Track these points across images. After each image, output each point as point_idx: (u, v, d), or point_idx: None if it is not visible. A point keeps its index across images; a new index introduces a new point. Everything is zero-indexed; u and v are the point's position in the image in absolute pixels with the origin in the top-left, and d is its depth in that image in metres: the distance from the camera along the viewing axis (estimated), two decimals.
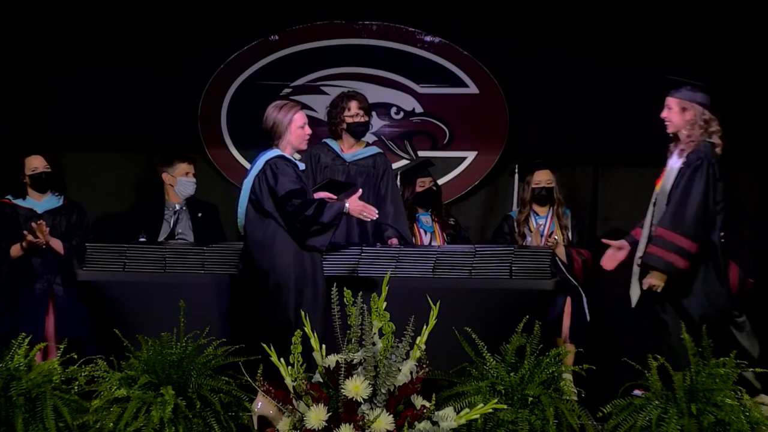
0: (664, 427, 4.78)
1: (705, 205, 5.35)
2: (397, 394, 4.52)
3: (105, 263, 6.01)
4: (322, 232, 5.46)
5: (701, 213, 5.34)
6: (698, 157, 5.40)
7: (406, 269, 5.86)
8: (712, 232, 5.39)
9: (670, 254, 5.30)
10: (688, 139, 5.47)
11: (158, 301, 5.81)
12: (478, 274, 5.85)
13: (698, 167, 5.38)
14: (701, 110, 5.50)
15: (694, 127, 5.47)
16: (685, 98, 5.51)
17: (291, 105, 5.61)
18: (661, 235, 5.34)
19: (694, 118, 5.48)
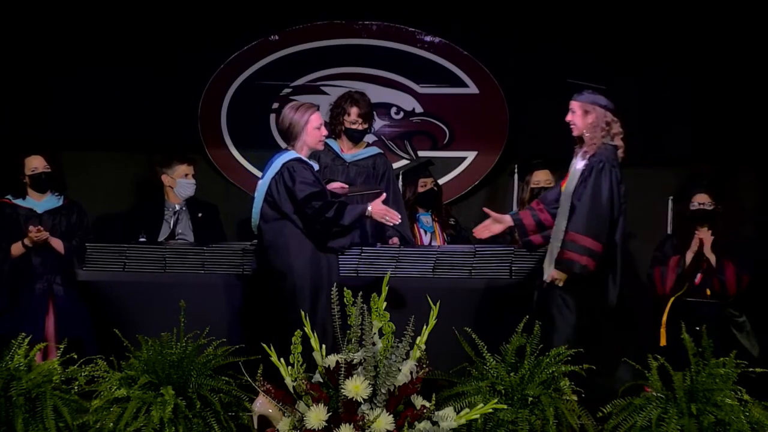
0: (664, 427, 4.78)
1: (610, 206, 5.40)
2: (397, 394, 4.52)
3: (105, 263, 6.02)
4: (342, 234, 5.48)
5: (607, 214, 5.39)
6: (600, 160, 5.45)
7: (406, 269, 5.86)
8: (614, 233, 5.43)
9: (584, 257, 5.36)
10: (591, 141, 5.53)
11: (158, 301, 5.81)
12: (478, 274, 5.86)
13: (601, 170, 5.42)
14: (603, 113, 5.55)
15: (596, 130, 5.53)
16: (587, 101, 5.58)
17: (308, 105, 5.61)
18: (573, 239, 5.38)
19: (596, 120, 5.53)
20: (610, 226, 5.40)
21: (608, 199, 5.40)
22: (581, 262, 5.36)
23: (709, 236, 6.51)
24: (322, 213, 5.41)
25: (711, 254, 6.50)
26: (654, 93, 7.46)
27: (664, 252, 6.75)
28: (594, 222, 5.37)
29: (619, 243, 5.47)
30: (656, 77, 7.43)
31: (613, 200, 5.42)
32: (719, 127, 7.38)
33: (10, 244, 6.48)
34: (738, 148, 7.37)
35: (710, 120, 7.39)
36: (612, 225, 5.41)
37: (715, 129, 7.38)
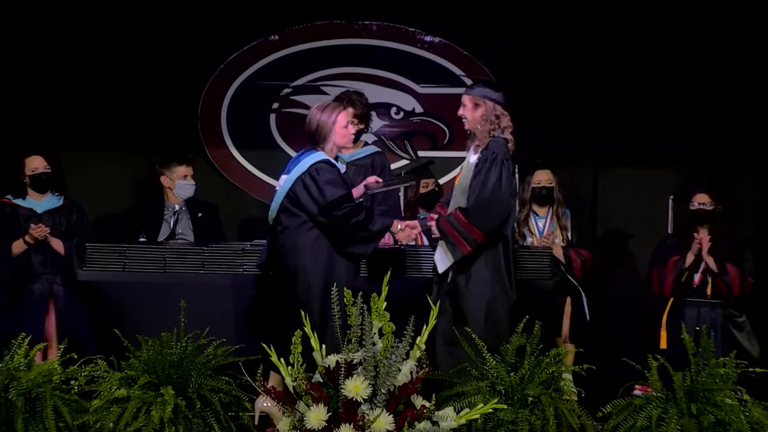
0: (664, 427, 4.78)
1: (498, 196, 5.41)
2: (397, 394, 4.52)
3: (105, 263, 6.02)
4: (368, 240, 5.49)
5: (492, 204, 5.39)
6: (492, 152, 5.47)
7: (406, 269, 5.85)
8: (505, 226, 5.44)
9: (455, 234, 5.38)
10: (481, 134, 5.56)
11: (158, 301, 5.81)
12: None
13: (493, 161, 5.44)
14: (493, 106, 5.57)
15: (486, 123, 5.55)
16: (478, 95, 5.59)
17: (334, 105, 5.62)
18: (456, 216, 5.41)
19: (485, 113, 5.56)
20: (496, 217, 5.39)
21: (494, 189, 5.40)
22: (450, 235, 5.37)
23: (707, 238, 6.51)
24: (353, 215, 5.41)
25: (709, 257, 6.50)
26: (654, 93, 7.46)
27: (664, 252, 6.75)
28: (477, 209, 5.38)
29: (509, 236, 5.47)
30: (656, 77, 7.44)
31: (503, 192, 5.42)
32: (719, 127, 7.38)
33: (11, 243, 6.48)
34: (738, 148, 7.37)
35: (710, 120, 7.39)
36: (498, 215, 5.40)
37: (715, 129, 7.39)
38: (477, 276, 5.43)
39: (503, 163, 5.45)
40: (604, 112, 7.45)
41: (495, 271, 5.43)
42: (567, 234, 6.90)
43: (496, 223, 5.40)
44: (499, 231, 5.43)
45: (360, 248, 5.49)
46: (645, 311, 6.72)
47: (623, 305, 7.29)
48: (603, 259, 7.15)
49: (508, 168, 5.47)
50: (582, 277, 6.76)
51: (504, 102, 5.61)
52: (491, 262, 5.43)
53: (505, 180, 5.44)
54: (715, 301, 6.51)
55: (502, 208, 5.42)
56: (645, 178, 7.55)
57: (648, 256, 6.90)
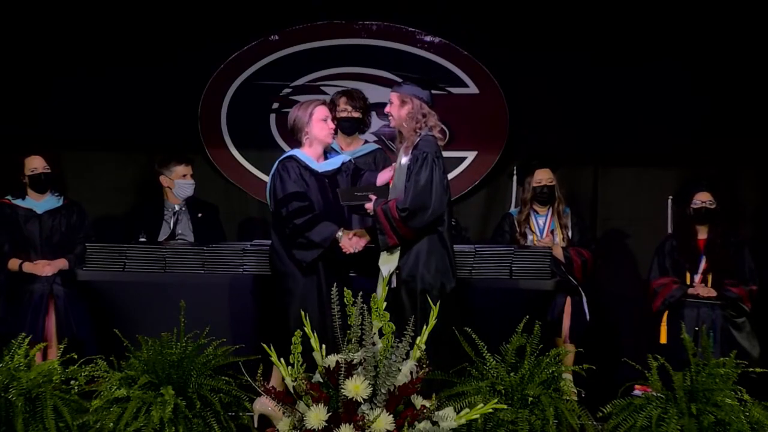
0: (664, 427, 4.78)
1: (432, 196, 5.39)
2: (397, 394, 4.52)
3: (105, 263, 6.02)
4: (307, 247, 5.48)
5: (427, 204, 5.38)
6: (423, 151, 5.47)
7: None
8: (441, 224, 5.44)
9: (386, 225, 5.39)
10: (408, 133, 5.56)
11: (158, 301, 5.81)
12: (478, 274, 5.85)
13: (425, 159, 5.44)
14: (419, 104, 5.57)
15: (412, 121, 5.55)
16: (405, 92, 5.60)
17: (312, 101, 5.66)
18: (391, 209, 5.41)
19: (412, 111, 5.56)
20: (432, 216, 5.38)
21: (429, 189, 5.39)
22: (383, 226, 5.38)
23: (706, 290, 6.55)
24: (294, 217, 5.43)
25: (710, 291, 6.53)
26: (654, 93, 7.46)
27: (664, 252, 6.76)
28: (414, 211, 5.37)
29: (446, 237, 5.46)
30: (656, 77, 7.43)
31: (436, 191, 5.41)
32: (719, 127, 7.37)
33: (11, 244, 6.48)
34: (738, 148, 7.37)
35: (710, 120, 7.39)
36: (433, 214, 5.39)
37: (715, 129, 7.38)
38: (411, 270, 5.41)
39: (434, 162, 5.44)
40: (604, 112, 7.44)
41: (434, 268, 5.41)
42: (567, 233, 6.90)
43: (429, 221, 5.40)
44: (433, 228, 5.43)
45: (300, 253, 5.49)
46: (645, 311, 6.71)
47: (623, 305, 7.29)
48: (603, 259, 7.14)
49: (440, 166, 5.46)
50: (582, 277, 6.76)
51: (431, 101, 5.61)
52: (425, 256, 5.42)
53: (438, 178, 5.43)
54: (715, 302, 6.51)
55: (437, 207, 5.40)
56: (645, 178, 7.55)
57: (648, 256, 6.91)
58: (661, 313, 6.55)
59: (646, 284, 6.76)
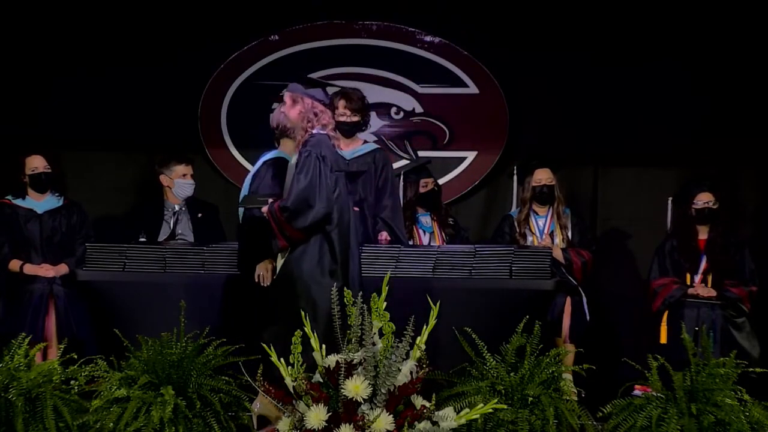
0: (664, 427, 4.78)
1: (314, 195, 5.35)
2: (397, 394, 4.52)
3: (105, 263, 6.01)
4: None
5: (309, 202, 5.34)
6: (308, 150, 5.43)
7: (406, 269, 5.86)
8: (329, 222, 5.41)
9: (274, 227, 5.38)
10: (301, 132, 5.53)
11: (158, 301, 5.81)
12: (478, 274, 5.85)
13: (307, 157, 5.41)
14: (311, 103, 5.55)
15: (303, 120, 5.53)
16: (297, 92, 5.57)
17: None
18: (275, 211, 5.38)
19: (303, 111, 5.53)
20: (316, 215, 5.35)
21: (312, 188, 5.36)
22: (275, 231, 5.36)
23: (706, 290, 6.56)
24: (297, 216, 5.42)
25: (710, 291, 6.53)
26: (654, 93, 7.46)
27: (665, 252, 6.76)
28: (297, 209, 5.34)
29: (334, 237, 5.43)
30: (656, 77, 7.44)
31: (319, 190, 5.37)
32: (719, 127, 7.37)
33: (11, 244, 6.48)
34: (738, 148, 7.37)
35: (710, 120, 7.39)
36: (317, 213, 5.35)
37: (715, 129, 7.38)
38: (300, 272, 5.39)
39: (318, 160, 5.40)
40: (604, 112, 7.44)
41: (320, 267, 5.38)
42: (567, 233, 6.90)
43: (314, 221, 5.36)
44: (321, 228, 5.40)
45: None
46: (645, 311, 6.72)
47: (623, 305, 7.29)
48: (603, 259, 7.14)
49: (327, 165, 5.42)
50: (582, 278, 6.76)
51: (325, 99, 5.60)
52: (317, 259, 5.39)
53: (323, 177, 5.39)
54: (715, 302, 6.52)
55: (320, 207, 5.36)
56: (645, 178, 7.55)
57: (648, 256, 6.91)
58: (661, 313, 6.55)
59: (646, 284, 6.76)
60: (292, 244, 5.37)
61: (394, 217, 6.41)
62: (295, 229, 5.34)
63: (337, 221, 5.42)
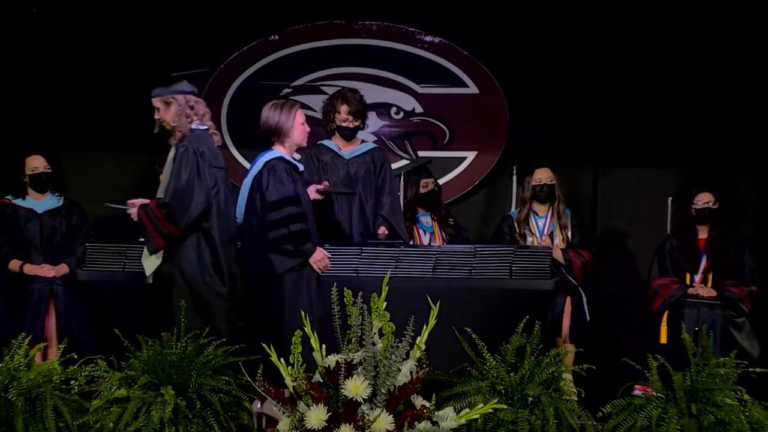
0: (664, 427, 4.78)
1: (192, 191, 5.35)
2: (397, 394, 4.51)
3: (105, 263, 6.01)
4: (290, 255, 5.43)
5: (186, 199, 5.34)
6: (185, 146, 5.44)
7: (406, 269, 5.86)
8: (207, 219, 5.40)
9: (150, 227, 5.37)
10: (179, 129, 5.52)
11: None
12: (478, 274, 5.85)
13: (185, 153, 5.41)
14: (184, 98, 5.55)
15: (182, 117, 5.52)
16: (166, 93, 5.56)
17: (291, 104, 5.61)
18: (153, 209, 5.39)
19: (179, 109, 5.53)
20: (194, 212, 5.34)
21: (189, 184, 5.36)
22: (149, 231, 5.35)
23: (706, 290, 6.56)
24: (288, 223, 5.39)
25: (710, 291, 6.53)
26: (654, 93, 7.46)
27: (665, 252, 6.76)
28: (174, 206, 5.34)
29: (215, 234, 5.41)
30: (656, 77, 7.44)
31: (197, 186, 5.37)
32: (719, 127, 7.37)
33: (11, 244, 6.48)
34: (738, 148, 7.37)
35: (710, 120, 7.39)
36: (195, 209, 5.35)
37: (715, 129, 7.38)
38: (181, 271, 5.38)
39: (196, 156, 5.39)
40: (604, 112, 7.45)
41: (201, 265, 5.38)
42: (567, 233, 6.90)
43: (192, 218, 5.35)
44: (199, 225, 5.38)
45: (278, 261, 5.42)
46: (645, 311, 6.72)
47: (623, 305, 7.29)
48: (603, 259, 7.15)
49: (205, 160, 5.42)
50: (582, 278, 6.76)
51: (193, 90, 5.59)
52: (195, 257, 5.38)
53: (203, 174, 5.39)
54: (714, 302, 6.52)
55: (199, 203, 5.35)
56: (645, 178, 7.55)
57: (648, 256, 6.91)
58: (661, 313, 6.56)
59: (646, 284, 6.76)
60: (170, 243, 5.35)
61: (394, 214, 6.43)
62: (175, 226, 5.32)
63: (217, 218, 5.41)
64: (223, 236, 5.44)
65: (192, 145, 5.42)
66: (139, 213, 5.44)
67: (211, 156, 5.47)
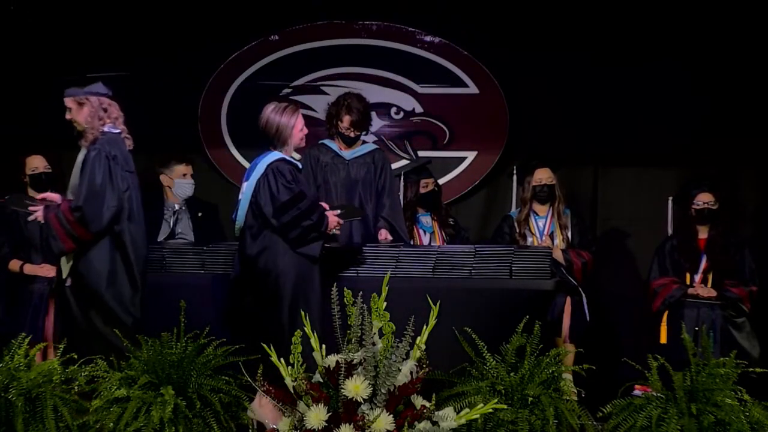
0: (664, 427, 4.78)
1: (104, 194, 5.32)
2: (397, 394, 4.52)
3: None
4: (318, 239, 5.46)
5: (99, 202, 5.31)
6: (96, 149, 5.40)
7: (406, 269, 5.86)
8: (118, 222, 5.37)
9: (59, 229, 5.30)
10: (91, 131, 5.50)
11: (158, 301, 5.80)
12: (478, 274, 5.85)
13: (97, 157, 5.38)
14: (98, 100, 5.54)
15: (95, 119, 5.51)
16: (79, 94, 5.54)
17: (292, 108, 5.61)
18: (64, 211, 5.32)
19: (92, 110, 5.52)
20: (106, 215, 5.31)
21: (101, 187, 5.32)
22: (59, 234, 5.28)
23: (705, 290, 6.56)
24: (306, 216, 5.41)
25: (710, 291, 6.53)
26: (654, 93, 7.46)
27: (665, 252, 6.76)
28: (86, 209, 5.29)
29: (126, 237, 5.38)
30: (656, 77, 7.44)
31: (108, 189, 5.34)
32: (719, 127, 7.37)
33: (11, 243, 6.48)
34: (738, 148, 7.37)
35: (710, 120, 7.39)
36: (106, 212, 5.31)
37: (715, 129, 7.38)
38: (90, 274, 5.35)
39: (108, 159, 5.37)
40: (604, 112, 7.44)
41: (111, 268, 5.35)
42: (567, 233, 6.90)
43: (104, 222, 5.32)
44: (110, 228, 5.35)
45: (311, 248, 5.45)
46: (645, 311, 6.72)
47: (623, 305, 7.29)
48: (603, 259, 7.15)
49: (118, 163, 5.40)
50: (582, 278, 6.76)
51: (107, 92, 5.58)
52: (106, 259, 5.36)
53: (115, 177, 5.37)
54: (715, 302, 6.52)
55: (110, 206, 5.33)
56: (645, 178, 7.55)
57: (648, 256, 6.91)
58: (661, 313, 6.56)
59: (646, 284, 6.76)
60: (80, 246, 5.33)
61: (395, 216, 6.43)
62: (87, 230, 5.30)
63: (128, 221, 5.40)
64: (134, 239, 5.42)
65: (104, 148, 5.40)
66: (46, 215, 5.37)
67: (123, 160, 5.46)
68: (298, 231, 5.42)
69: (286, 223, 5.40)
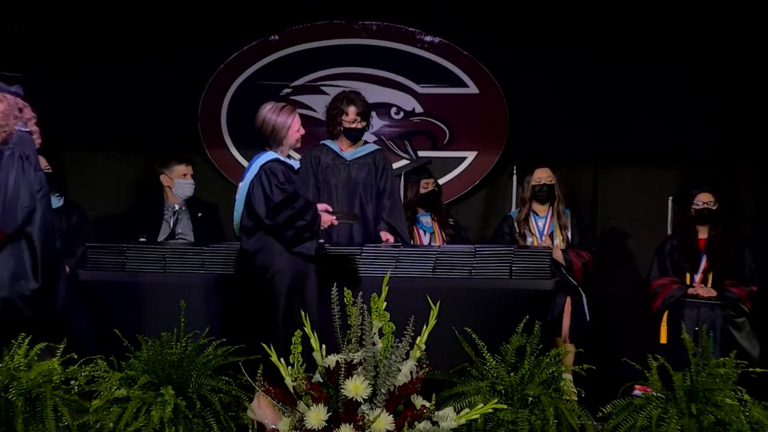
0: (664, 427, 4.78)
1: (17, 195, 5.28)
2: (397, 394, 4.52)
3: (105, 263, 6.01)
4: (311, 239, 5.46)
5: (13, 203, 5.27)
6: (10, 149, 5.36)
7: (406, 269, 5.86)
8: (29, 224, 5.33)
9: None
10: (5, 129, 5.44)
11: (158, 301, 5.81)
12: (478, 274, 5.85)
13: (11, 157, 5.34)
14: (14, 100, 5.50)
15: (9, 118, 5.45)
16: None
17: (289, 109, 5.60)
18: None
19: (8, 108, 5.46)
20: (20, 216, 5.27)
21: (15, 188, 5.29)
22: None
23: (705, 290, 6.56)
24: (300, 217, 5.41)
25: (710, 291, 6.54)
26: (654, 93, 7.46)
27: (665, 252, 6.76)
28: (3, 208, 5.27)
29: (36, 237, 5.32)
30: (656, 77, 7.44)
31: (22, 189, 5.30)
32: (719, 127, 7.38)
33: None
34: (738, 148, 7.37)
35: (710, 120, 7.39)
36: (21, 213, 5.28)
37: (715, 129, 7.38)
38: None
39: (22, 159, 5.34)
40: (604, 112, 7.44)
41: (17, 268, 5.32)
42: (567, 233, 6.90)
43: (18, 221, 5.29)
44: (21, 229, 5.32)
45: (305, 247, 5.43)
46: (645, 311, 6.72)
47: (623, 305, 7.29)
48: (603, 259, 7.15)
49: (31, 163, 5.36)
50: (582, 278, 6.76)
51: (24, 94, 5.54)
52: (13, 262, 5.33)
53: (28, 176, 5.33)
54: (715, 302, 6.52)
55: (24, 206, 5.30)
56: (645, 178, 7.55)
57: (648, 256, 6.91)
58: (661, 313, 6.56)
59: (646, 284, 6.76)
60: None
61: (396, 217, 6.42)
62: (5, 230, 5.26)
63: (40, 221, 5.37)
64: (44, 239, 5.39)
65: (18, 148, 5.38)
66: None
67: (35, 159, 5.43)
68: (292, 231, 5.42)
69: (281, 223, 5.40)
